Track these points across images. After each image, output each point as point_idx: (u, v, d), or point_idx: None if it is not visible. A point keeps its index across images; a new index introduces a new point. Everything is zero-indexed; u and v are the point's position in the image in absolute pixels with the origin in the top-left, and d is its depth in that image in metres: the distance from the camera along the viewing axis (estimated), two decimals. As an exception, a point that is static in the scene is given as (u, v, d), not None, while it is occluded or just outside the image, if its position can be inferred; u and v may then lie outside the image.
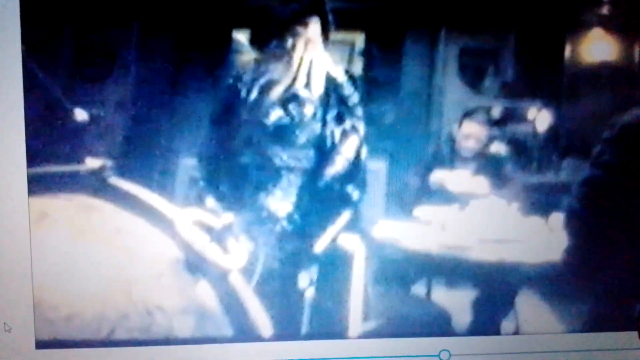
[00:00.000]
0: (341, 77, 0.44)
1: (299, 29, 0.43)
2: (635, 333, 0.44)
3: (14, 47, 0.40)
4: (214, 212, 0.43)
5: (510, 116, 0.45)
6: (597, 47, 0.46)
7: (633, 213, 0.46)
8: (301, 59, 0.43)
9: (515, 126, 0.45)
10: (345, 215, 0.44)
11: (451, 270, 0.45)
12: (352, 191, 0.44)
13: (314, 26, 0.43)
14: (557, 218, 0.46)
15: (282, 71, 0.43)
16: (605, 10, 0.45)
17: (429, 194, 0.45)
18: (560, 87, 0.46)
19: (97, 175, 0.42)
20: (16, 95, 0.40)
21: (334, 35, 0.43)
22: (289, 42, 0.43)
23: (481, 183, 0.45)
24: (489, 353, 0.44)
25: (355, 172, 0.44)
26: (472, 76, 0.45)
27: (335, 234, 0.44)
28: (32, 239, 0.42)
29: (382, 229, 0.45)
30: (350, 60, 0.43)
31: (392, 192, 0.44)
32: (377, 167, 0.44)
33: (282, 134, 0.44)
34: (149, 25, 0.42)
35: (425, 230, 0.45)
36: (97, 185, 0.42)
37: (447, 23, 0.44)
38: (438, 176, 0.45)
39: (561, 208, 0.45)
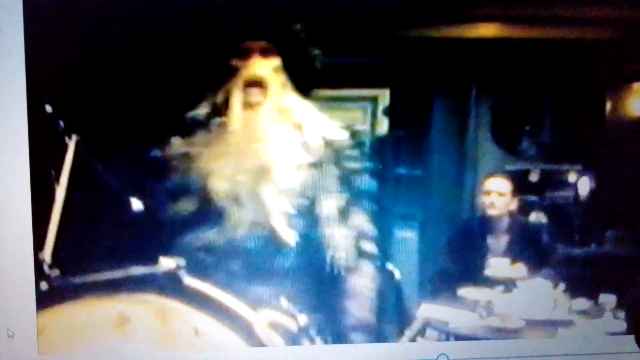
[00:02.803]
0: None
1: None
2: (632, 337, 0.43)
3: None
4: (290, 314, 0.41)
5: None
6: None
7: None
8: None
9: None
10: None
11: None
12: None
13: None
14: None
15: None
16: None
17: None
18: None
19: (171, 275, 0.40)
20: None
21: (356, 92, 0.41)
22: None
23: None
24: (487, 357, 0.43)
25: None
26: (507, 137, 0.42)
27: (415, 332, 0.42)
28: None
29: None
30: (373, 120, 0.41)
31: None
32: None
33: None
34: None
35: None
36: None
37: (477, 79, 0.41)
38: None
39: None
